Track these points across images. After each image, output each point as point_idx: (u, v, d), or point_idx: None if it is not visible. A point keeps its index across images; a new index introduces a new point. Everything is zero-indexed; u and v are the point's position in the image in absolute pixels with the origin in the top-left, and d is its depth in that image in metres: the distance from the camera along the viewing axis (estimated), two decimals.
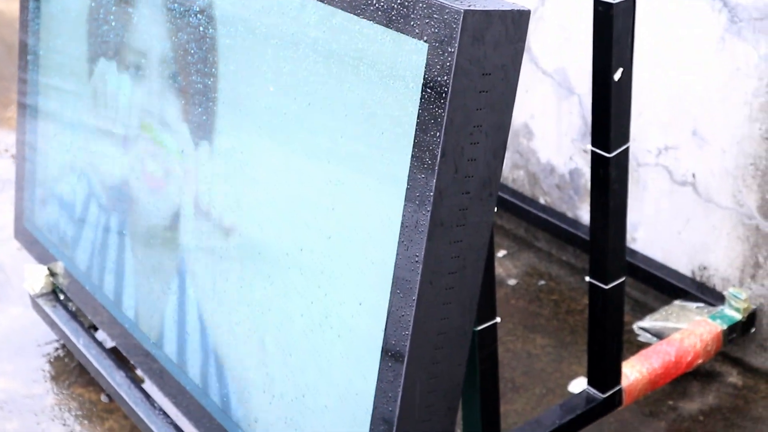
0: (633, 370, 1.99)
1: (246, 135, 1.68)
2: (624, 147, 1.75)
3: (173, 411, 2.06)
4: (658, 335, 2.19)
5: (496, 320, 1.63)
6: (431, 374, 1.43)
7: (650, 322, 2.22)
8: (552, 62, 2.48)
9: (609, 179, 1.75)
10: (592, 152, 1.76)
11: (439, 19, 1.29)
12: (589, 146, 1.76)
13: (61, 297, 2.32)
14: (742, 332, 2.18)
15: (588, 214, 2.50)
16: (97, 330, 2.36)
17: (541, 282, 2.56)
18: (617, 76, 1.68)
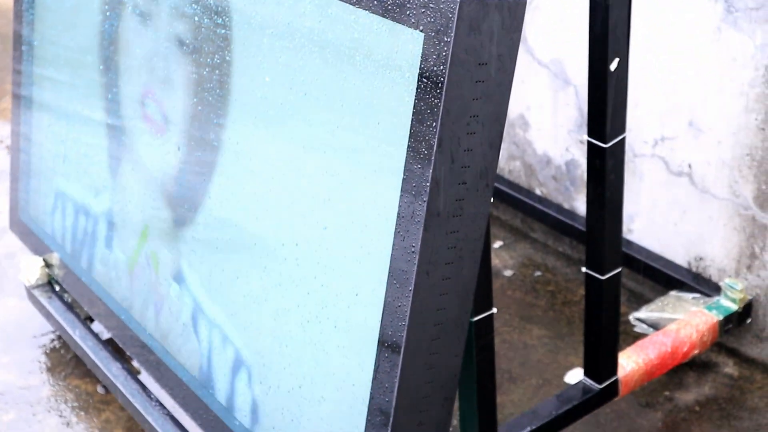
0: (629, 361, 1.99)
1: (241, 125, 1.68)
2: (620, 137, 1.74)
3: (170, 402, 2.06)
4: (655, 326, 2.19)
5: (493, 311, 1.63)
6: (428, 365, 1.43)
7: (646, 313, 2.22)
8: (548, 53, 2.48)
9: (605, 170, 1.75)
10: (589, 143, 1.75)
11: (436, 9, 1.29)
12: (586, 137, 1.76)
13: (57, 288, 2.31)
14: (738, 323, 2.18)
15: (584, 205, 2.49)
16: (93, 321, 2.36)
17: (538, 273, 2.56)
18: (613, 66, 1.67)
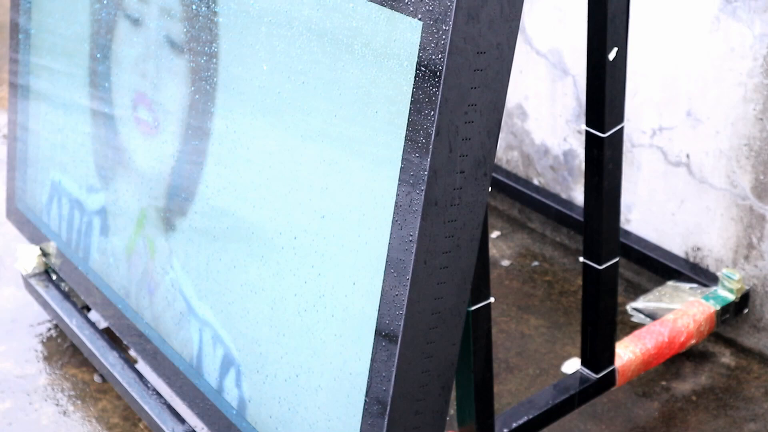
0: (626, 351, 1.99)
1: (239, 114, 1.67)
2: (618, 127, 1.74)
3: (167, 391, 2.07)
4: (652, 316, 2.19)
5: (490, 300, 1.63)
6: (425, 354, 1.43)
7: (644, 303, 2.22)
8: (546, 43, 2.48)
9: (603, 159, 1.75)
10: (587, 132, 1.75)
11: None
12: (584, 126, 1.76)
13: (54, 277, 2.31)
14: (735, 313, 2.18)
15: (582, 196, 2.49)
16: (90, 310, 2.35)
17: (535, 263, 2.56)
18: (612, 56, 1.67)
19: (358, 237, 1.45)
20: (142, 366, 2.17)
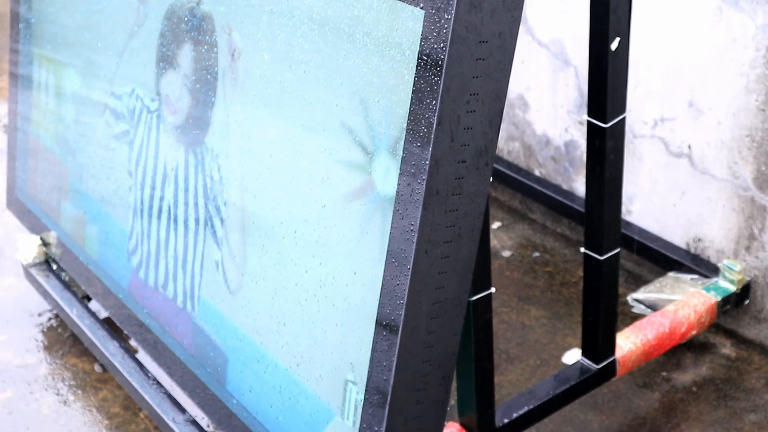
0: (627, 342, 1.99)
1: (240, 104, 1.67)
2: (620, 117, 1.74)
3: (167, 381, 2.06)
4: (653, 307, 2.19)
5: (491, 290, 1.63)
6: (426, 344, 1.43)
7: (644, 294, 2.22)
8: (548, 33, 2.47)
9: (605, 150, 1.75)
10: (588, 122, 1.75)
11: None
12: (585, 117, 1.75)
13: (54, 267, 2.31)
14: (736, 304, 2.18)
15: (583, 186, 2.49)
16: (91, 300, 2.35)
17: (536, 254, 2.55)
18: (614, 46, 1.67)
19: (359, 226, 1.45)
20: (143, 356, 2.17)
